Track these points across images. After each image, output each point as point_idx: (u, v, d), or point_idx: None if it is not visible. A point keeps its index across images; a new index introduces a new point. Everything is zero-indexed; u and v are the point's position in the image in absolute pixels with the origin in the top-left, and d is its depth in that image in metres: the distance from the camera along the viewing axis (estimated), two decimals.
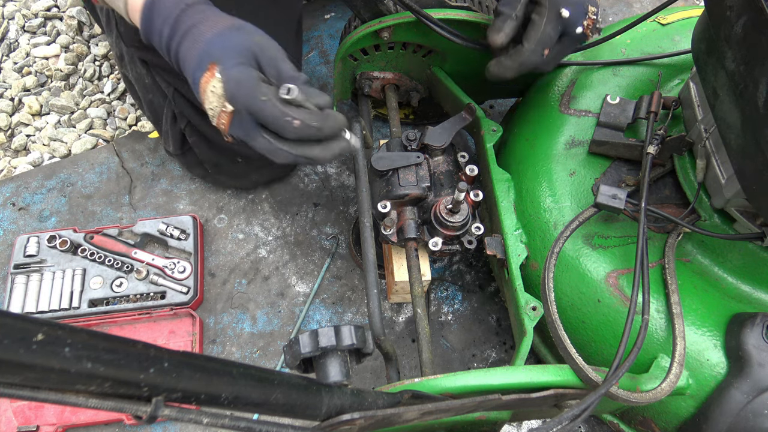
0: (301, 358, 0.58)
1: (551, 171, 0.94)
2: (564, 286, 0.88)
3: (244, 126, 0.70)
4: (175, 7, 0.72)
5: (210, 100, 0.70)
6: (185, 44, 0.71)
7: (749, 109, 0.66)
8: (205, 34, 0.71)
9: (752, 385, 0.75)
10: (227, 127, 0.71)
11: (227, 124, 0.70)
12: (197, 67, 0.70)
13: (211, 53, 0.70)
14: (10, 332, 0.32)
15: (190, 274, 1.14)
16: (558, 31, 0.84)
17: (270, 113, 0.67)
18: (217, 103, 0.69)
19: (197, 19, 0.72)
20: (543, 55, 0.84)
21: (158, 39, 0.74)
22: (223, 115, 0.69)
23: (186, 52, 0.71)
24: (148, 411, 0.39)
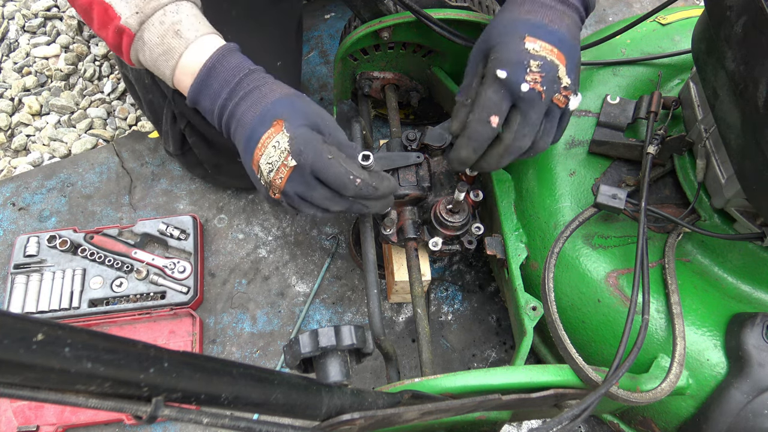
0: (301, 358, 0.58)
1: (551, 171, 0.94)
2: (564, 286, 0.88)
3: (303, 180, 0.72)
4: (237, 72, 0.75)
5: (270, 154, 0.71)
6: (245, 104, 0.73)
7: (749, 109, 0.66)
8: (268, 95, 0.74)
9: (752, 385, 0.75)
10: (284, 182, 0.72)
11: (285, 180, 0.72)
12: (260, 123, 0.72)
13: (277, 112, 0.72)
14: (10, 332, 0.32)
15: (190, 274, 1.14)
16: (503, 95, 0.72)
17: (335, 171, 0.71)
18: (278, 157, 0.71)
19: (260, 83, 0.75)
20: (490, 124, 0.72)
21: (210, 101, 0.75)
22: (283, 170, 0.72)
23: (246, 110, 0.73)
24: (148, 411, 0.39)
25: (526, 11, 0.74)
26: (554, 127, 0.76)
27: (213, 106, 0.76)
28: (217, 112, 0.76)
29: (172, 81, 0.78)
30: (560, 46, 0.73)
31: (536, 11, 0.74)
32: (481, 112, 0.73)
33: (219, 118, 0.76)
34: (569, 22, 0.75)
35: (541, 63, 0.71)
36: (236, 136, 0.76)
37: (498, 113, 0.72)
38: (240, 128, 0.74)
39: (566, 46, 0.73)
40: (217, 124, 0.78)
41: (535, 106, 0.72)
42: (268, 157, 0.71)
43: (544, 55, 0.72)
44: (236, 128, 0.75)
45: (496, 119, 0.72)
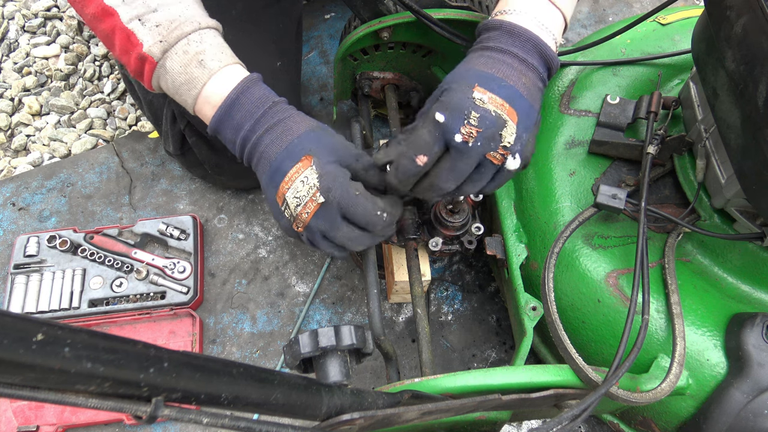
0: (301, 358, 0.58)
1: (551, 171, 0.94)
2: (564, 286, 0.88)
3: (329, 218, 0.72)
4: (261, 104, 0.74)
5: (298, 188, 0.71)
6: (269, 137, 0.73)
7: (749, 109, 0.66)
8: (294, 129, 0.73)
9: (752, 385, 0.75)
10: (310, 217, 0.72)
11: (311, 215, 0.72)
12: (287, 157, 0.72)
13: (305, 146, 0.72)
14: (10, 332, 0.32)
15: (190, 274, 1.14)
16: (436, 138, 0.70)
17: (363, 208, 0.72)
18: (306, 192, 0.71)
19: (284, 116, 0.74)
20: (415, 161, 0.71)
21: (233, 132, 0.75)
22: (310, 205, 0.71)
23: (270, 143, 0.73)
24: (148, 411, 0.39)
25: (482, 64, 0.73)
26: (484, 180, 0.74)
27: (235, 137, 0.75)
28: (239, 144, 0.75)
29: (194, 109, 0.77)
30: (512, 102, 0.70)
31: (491, 65, 0.73)
32: (410, 149, 0.72)
33: (241, 149, 0.76)
34: (527, 81, 0.73)
35: (480, 116, 0.69)
36: (259, 168, 0.75)
37: (428, 154, 0.71)
38: (263, 161, 0.73)
39: (519, 104, 0.71)
40: (239, 155, 0.77)
41: (465, 157, 0.70)
42: (295, 191, 0.71)
43: (490, 108, 0.69)
44: (259, 160, 0.74)
45: (425, 159, 0.71)
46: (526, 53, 0.74)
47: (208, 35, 0.75)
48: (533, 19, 0.75)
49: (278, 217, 0.76)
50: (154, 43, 0.72)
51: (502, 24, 0.75)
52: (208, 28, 0.75)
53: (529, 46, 0.74)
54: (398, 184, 0.75)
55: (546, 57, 0.75)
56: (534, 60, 0.74)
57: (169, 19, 0.72)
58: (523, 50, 0.73)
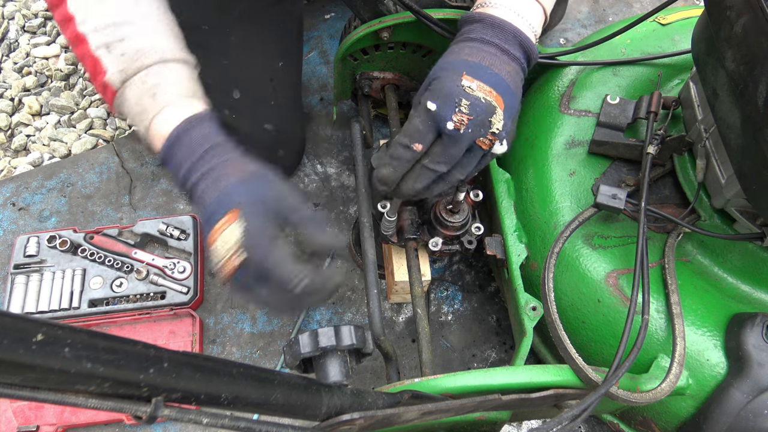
0: (301, 358, 0.58)
1: (551, 171, 0.94)
2: (564, 286, 0.88)
3: (249, 275, 0.70)
4: (200, 146, 0.72)
5: (224, 241, 0.69)
6: (204, 183, 0.71)
7: (749, 109, 0.66)
8: (227, 177, 0.71)
9: (752, 385, 0.75)
10: (231, 273, 0.70)
11: (231, 271, 0.70)
12: (216, 210, 0.70)
13: (233, 199, 0.70)
14: (10, 332, 0.32)
15: (190, 274, 1.14)
16: (430, 126, 0.73)
17: (283, 271, 0.68)
18: (228, 248, 0.69)
19: (220, 161, 0.72)
20: (411, 147, 0.74)
21: (175, 170, 0.74)
22: (232, 261, 0.69)
23: (205, 190, 0.71)
24: (147, 411, 0.39)
25: (467, 54, 0.76)
26: (473, 164, 0.77)
27: (178, 175, 0.73)
28: (180, 183, 0.74)
29: (147, 141, 0.77)
30: (498, 89, 0.74)
31: (476, 55, 0.76)
32: (405, 138, 0.75)
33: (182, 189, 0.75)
34: (510, 70, 0.76)
35: (471, 104, 0.71)
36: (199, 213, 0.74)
37: (422, 142, 0.74)
38: (200, 206, 0.72)
39: (505, 92, 0.74)
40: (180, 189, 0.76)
41: (457, 143, 0.73)
42: (222, 243, 0.69)
43: (479, 95, 0.72)
44: (197, 205, 0.73)
45: (420, 146, 0.74)
46: (508, 44, 0.77)
47: (169, 68, 0.74)
48: (513, 12, 0.78)
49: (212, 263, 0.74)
50: (115, 71, 0.72)
51: (483, 17, 0.78)
52: (173, 62, 0.75)
53: (510, 37, 0.77)
54: (392, 172, 0.76)
55: (526, 48, 0.78)
56: (515, 51, 0.77)
57: (135, 48, 0.72)
58: (505, 41, 0.77)
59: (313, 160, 1.32)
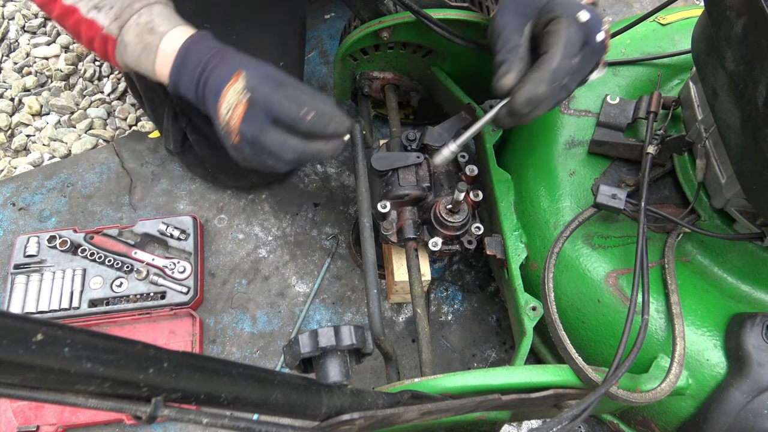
0: (301, 358, 0.58)
1: (551, 171, 0.94)
2: (564, 286, 0.88)
3: (257, 119, 0.74)
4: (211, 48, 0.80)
5: (228, 98, 0.74)
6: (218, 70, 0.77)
7: (749, 109, 0.66)
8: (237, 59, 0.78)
9: (752, 385, 0.75)
10: (239, 120, 0.74)
11: (240, 118, 0.74)
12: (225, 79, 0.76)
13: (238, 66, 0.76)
14: (10, 332, 0.32)
15: (190, 274, 1.14)
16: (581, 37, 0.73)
17: (288, 105, 0.73)
18: (234, 98, 0.74)
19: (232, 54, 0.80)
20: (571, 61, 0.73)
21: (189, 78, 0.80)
22: (239, 109, 0.74)
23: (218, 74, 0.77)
24: (147, 411, 0.39)
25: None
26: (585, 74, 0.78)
27: (191, 83, 0.80)
28: (193, 88, 0.80)
29: (155, 73, 0.83)
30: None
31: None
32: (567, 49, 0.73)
33: (195, 93, 0.80)
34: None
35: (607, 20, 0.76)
36: (207, 100, 0.79)
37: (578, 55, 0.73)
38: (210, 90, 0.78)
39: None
40: (196, 101, 0.81)
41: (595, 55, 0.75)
42: (227, 103, 0.75)
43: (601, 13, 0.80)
44: (207, 93, 0.78)
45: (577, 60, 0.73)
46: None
47: (156, 9, 0.82)
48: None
49: (222, 139, 0.78)
50: (111, 22, 0.81)
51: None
52: (156, 3, 0.83)
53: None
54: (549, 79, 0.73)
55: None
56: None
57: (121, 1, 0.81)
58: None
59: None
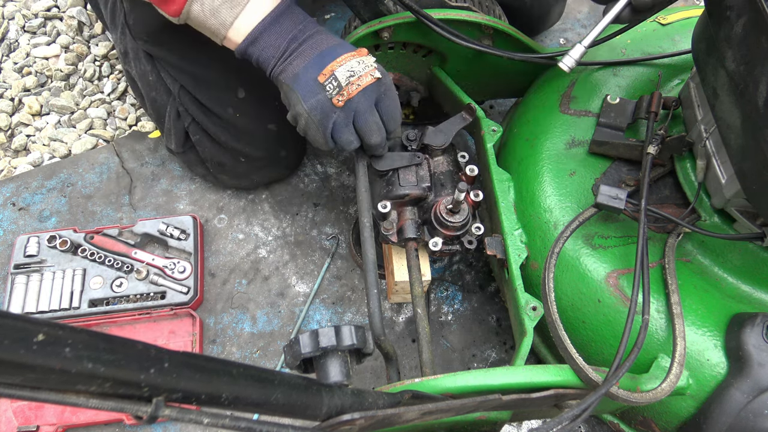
0: (302, 358, 0.58)
1: (551, 171, 0.94)
2: (564, 286, 0.88)
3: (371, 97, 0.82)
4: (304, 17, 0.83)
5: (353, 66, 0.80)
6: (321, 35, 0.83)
7: (749, 109, 0.66)
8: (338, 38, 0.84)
9: (752, 385, 0.75)
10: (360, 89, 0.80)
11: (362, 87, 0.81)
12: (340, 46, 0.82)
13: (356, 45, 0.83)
14: (10, 332, 0.32)
15: (190, 274, 1.14)
16: None
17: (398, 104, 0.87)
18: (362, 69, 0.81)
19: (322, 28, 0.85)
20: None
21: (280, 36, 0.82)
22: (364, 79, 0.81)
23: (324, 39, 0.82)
24: (148, 411, 0.39)
25: None
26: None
27: (280, 40, 0.81)
28: (284, 45, 0.81)
29: (230, 27, 0.82)
30: None
31: None
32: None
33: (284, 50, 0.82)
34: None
35: None
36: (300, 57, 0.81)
37: None
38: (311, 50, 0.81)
39: None
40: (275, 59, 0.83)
41: None
42: (349, 67, 0.80)
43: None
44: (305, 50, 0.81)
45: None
46: None
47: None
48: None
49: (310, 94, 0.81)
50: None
51: None
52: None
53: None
54: None
55: None
56: None
57: None
58: None
59: (313, 160, 1.32)
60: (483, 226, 0.92)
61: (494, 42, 1.04)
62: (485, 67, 1.09)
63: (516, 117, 1.09)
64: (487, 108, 1.40)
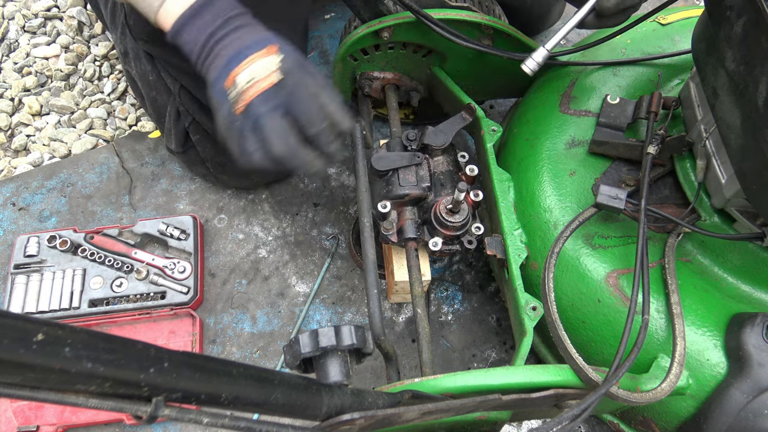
0: (302, 358, 0.58)
1: (551, 171, 0.94)
2: (564, 286, 0.88)
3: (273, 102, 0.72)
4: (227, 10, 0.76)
5: (255, 69, 0.72)
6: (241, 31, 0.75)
7: (749, 109, 0.66)
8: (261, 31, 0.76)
9: (752, 385, 0.75)
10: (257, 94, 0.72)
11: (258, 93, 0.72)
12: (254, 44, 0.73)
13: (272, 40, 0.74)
14: (10, 332, 0.32)
15: (190, 274, 1.14)
16: None
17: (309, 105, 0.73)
18: (263, 72, 0.72)
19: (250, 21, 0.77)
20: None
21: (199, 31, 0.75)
22: (261, 84, 0.72)
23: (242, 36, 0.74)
24: (148, 411, 0.39)
25: None
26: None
27: (199, 36, 0.75)
28: (202, 41, 0.75)
29: (158, 12, 0.77)
30: None
31: None
32: None
33: (202, 46, 0.76)
34: None
35: None
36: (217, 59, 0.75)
37: None
38: (225, 50, 0.74)
39: None
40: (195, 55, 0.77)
41: None
42: (251, 72, 0.72)
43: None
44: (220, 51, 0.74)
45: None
46: None
47: None
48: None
49: (219, 106, 0.75)
50: None
51: None
52: None
53: None
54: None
55: None
56: None
57: None
58: None
59: None
60: (483, 226, 0.92)
61: (494, 42, 1.04)
62: (485, 67, 1.09)
63: (516, 117, 1.09)
64: (487, 108, 1.40)
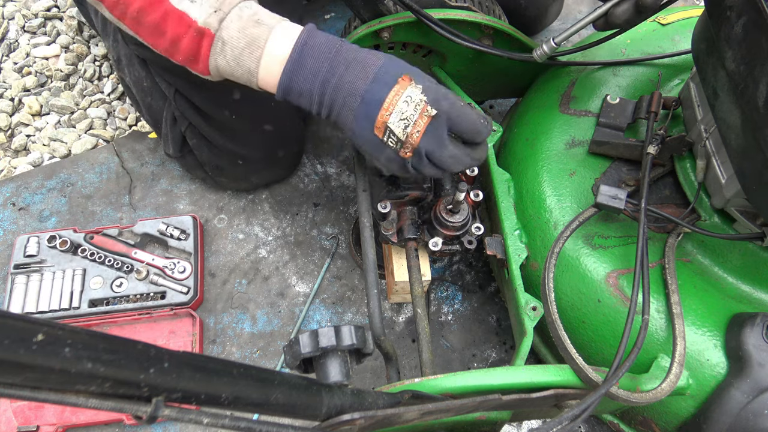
0: (301, 358, 0.58)
1: (551, 171, 0.94)
2: (564, 286, 0.88)
3: (437, 134, 0.72)
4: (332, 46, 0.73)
5: (403, 110, 0.70)
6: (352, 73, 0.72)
7: (749, 109, 0.66)
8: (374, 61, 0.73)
9: (752, 385, 0.75)
10: (421, 135, 0.71)
11: (422, 133, 0.71)
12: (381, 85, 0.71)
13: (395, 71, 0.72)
14: (10, 332, 0.32)
15: (190, 274, 1.14)
16: None
17: (470, 116, 0.73)
18: (413, 110, 0.70)
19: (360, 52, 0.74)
20: None
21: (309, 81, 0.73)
22: (420, 123, 0.70)
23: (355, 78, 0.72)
24: (148, 411, 0.39)
25: None
26: None
27: (312, 85, 0.73)
28: (318, 90, 0.73)
29: (258, 75, 0.76)
30: None
31: None
32: None
33: (320, 96, 0.74)
34: None
35: None
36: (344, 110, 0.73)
37: None
38: (351, 99, 0.72)
39: None
40: (316, 107, 0.75)
41: None
42: (400, 113, 0.70)
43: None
44: (346, 99, 0.72)
45: None
46: None
47: (254, 2, 0.76)
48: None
49: (378, 152, 0.75)
50: (209, 15, 0.73)
51: None
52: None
53: None
54: None
55: None
56: None
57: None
58: None
59: (313, 160, 1.32)
60: (483, 226, 0.92)
61: (494, 42, 1.04)
62: (485, 67, 1.09)
63: (516, 117, 1.09)
64: (487, 108, 1.40)
